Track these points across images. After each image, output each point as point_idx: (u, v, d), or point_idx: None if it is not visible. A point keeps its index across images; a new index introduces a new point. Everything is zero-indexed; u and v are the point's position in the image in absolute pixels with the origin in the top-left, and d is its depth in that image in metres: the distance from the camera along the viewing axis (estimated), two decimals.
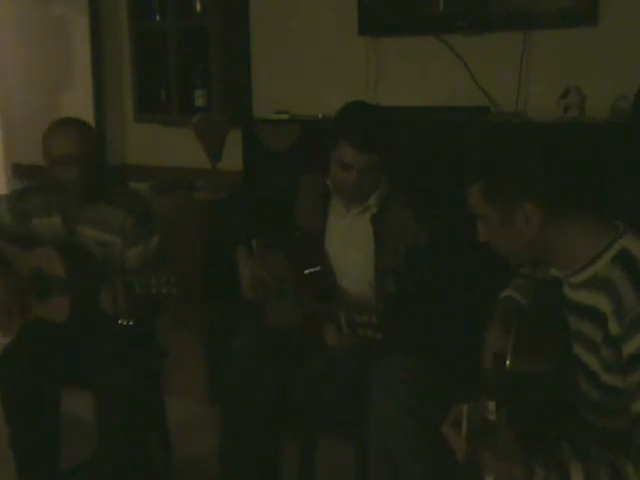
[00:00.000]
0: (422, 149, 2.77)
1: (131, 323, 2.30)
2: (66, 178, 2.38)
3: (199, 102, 3.56)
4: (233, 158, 3.38)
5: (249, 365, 2.24)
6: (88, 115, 3.90)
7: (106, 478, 2.46)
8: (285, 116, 3.16)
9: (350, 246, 2.33)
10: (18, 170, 4.07)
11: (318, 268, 2.33)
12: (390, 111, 2.33)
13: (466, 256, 2.36)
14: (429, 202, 2.32)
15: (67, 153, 2.35)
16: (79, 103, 3.95)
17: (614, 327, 1.46)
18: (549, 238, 1.55)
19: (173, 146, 3.85)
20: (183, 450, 2.79)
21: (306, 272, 2.33)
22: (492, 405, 1.39)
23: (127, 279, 2.24)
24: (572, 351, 1.59)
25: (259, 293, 2.41)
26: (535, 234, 1.55)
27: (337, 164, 2.25)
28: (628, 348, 1.44)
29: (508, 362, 1.60)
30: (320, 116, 3.09)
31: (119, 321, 2.29)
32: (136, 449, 2.40)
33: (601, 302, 1.50)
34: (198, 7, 3.57)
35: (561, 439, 1.49)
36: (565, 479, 1.39)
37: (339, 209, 2.38)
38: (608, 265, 1.51)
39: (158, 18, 3.72)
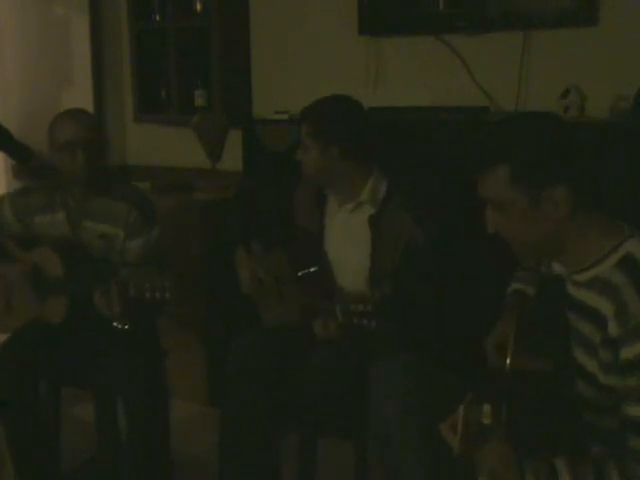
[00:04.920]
0: (422, 149, 2.76)
1: (126, 327, 2.30)
2: (72, 165, 2.39)
3: (199, 102, 3.56)
4: (233, 158, 3.38)
5: (249, 365, 2.24)
6: None
7: (106, 478, 2.46)
8: (285, 116, 3.16)
9: (348, 244, 2.33)
10: (18, 170, 4.06)
11: (313, 269, 2.33)
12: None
13: (465, 256, 2.37)
14: (427, 202, 2.32)
15: (72, 138, 2.37)
16: (79, 103, 3.91)
17: (614, 330, 1.45)
18: (565, 231, 1.53)
19: (173, 146, 3.85)
20: (183, 450, 2.79)
21: (300, 274, 2.33)
22: (487, 408, 1.40)
23: (122, 281, 2.24)
24: (571, 351, 1.58)
25: (258, 293, 2.41)
26: (561, 221, 1.51)
27: None
28: (626, 353, 1.44)
29: (508, 361, 1.60)
30: None
31: (114, 324, 2.29)
32: (136, 449, 2.40)
33: (603, 304, 1.49)
34: (198, 7, 3.57)
35: (560, 438, 1.50)
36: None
37: (333, 206, 2.39)
38: (612, 268, 1.50)
39: (158, 18, 3.71)
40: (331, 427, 2.26)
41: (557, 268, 1.65)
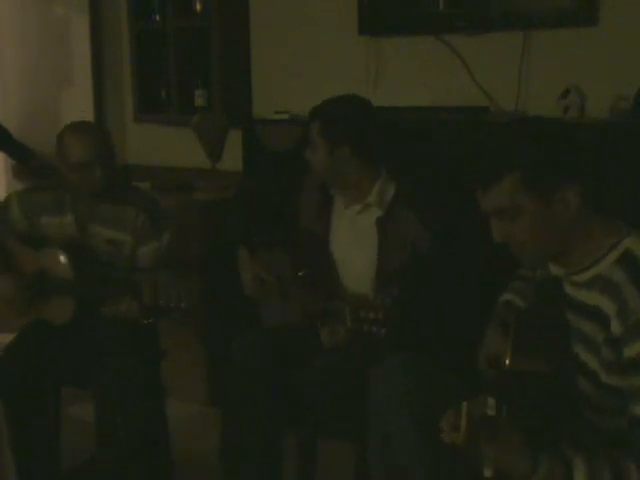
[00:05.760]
0: (422, 149, 2.76)
1: (151, 320, 2.31)
2: (90, 182, 2.38)
3: (199, 102, 3.56)
4: (233, 158, 3.38)
5: (249, 365, 2.24)
6: (88, 115, 3.90)
7: (106, 478, 2.46)
8: (285, 116, 3.16)
9: (354, 246, 2.33)
10: (18, 170, 4.06)
11: (313, 270, 2.33)
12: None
13: (469, 257, 2.36)
14: (431, 203, 2.31)
15: (89, 159, 2.35)
16: (79, 103, 3.95)
17: (617, 328, 1.45)
18: (573, 231, 1.53)
19: (173, 146, 3.85)
20: (183, 450, 2.79)
21: (300, 274, 2.33)
22: (492, 401, 1.40)
23: (137, 288, 2.25)
24: (572, 350, 1.58)
25: (260, 293, 2.41)
26: (571, 221, 1.51)
27: None
28: (629, 351, 1.44)
29: (507, 361, 1.60)
30: None
31: (145, 322, 2.30)
32: (136, 449, 2.40)
33: (604, 303, 1.50)
34: (198, 7, 3.57)
35: (561, 438, 1.49)
36: (568, 474, 1.40)
37: (340, 207, 2.39)
38: (611, 266, 1.51)
39: (158, 18, 3.71)
40: (331, 427, 2.26)
41: (554, 270, 1.65)
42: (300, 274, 2.34)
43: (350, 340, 2.11)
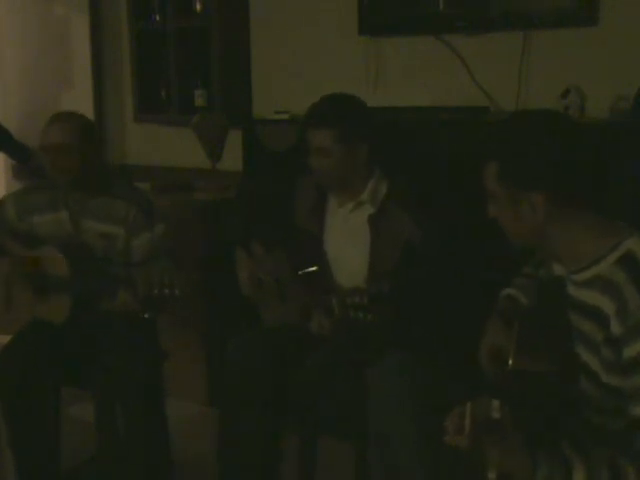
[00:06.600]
0: (422, 149, 2.76)
1: (146, 316, 2.33)
2: (50, 168, 2.40)
3: (199, 102, 3.57)
4: (233, 158, 3.38)
5: (248, 365, 2.24)
6: (88, 115, 3.89)
7: (106, 478, 2.46)
8: (285, 116, 3.16)
9: (347, 244, 2.33)
10: (18, 170, 4.07)
11: (313, 269, 2.33)
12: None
13: (463, 255, 2.37)
14: (426, 202, 2.32)
15: (46, 144, 2.39)
16: (79, 103, 3.95)
17: (616, 328, 1.45)
18: (555, 232, 1.55)
19: (173, 146, 3.85)
20: (183, 450, 2.79)
21: (300, 272, 2.33)
22: (496, 403, 1.39)
23: (132, 280, 2.25)
24: (574, 350, 1.58)
25: (257, 293, 2.41)
26: (540, 224, 1.54)
27: (307, 153, 2.30)
28: (630, 351, 1.44)
29: (510, 361, 1.60)
30: None
31: (146, 316, 2.31)
32: (136, 449, 2.40)
33: (604, 303, 1.50)
34: (198, 7, 3.57)
35: (562, 438, 1.49)
36: (567, 477, 1.40)
37: (333, 206, 2.39)
38: (612, 267, 1.51)
39: (158, 18, 3.72)
40: (331, 427, 2.26)
41: (557, 269, 1.65)
42: (300, 273, 2.34)
43: (339, 328, 2.11)
